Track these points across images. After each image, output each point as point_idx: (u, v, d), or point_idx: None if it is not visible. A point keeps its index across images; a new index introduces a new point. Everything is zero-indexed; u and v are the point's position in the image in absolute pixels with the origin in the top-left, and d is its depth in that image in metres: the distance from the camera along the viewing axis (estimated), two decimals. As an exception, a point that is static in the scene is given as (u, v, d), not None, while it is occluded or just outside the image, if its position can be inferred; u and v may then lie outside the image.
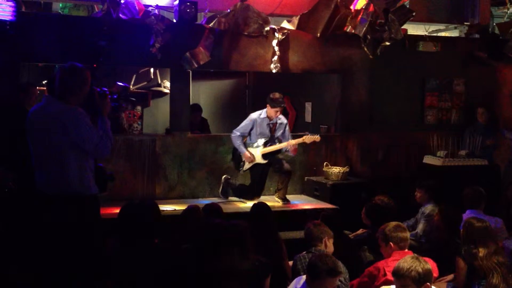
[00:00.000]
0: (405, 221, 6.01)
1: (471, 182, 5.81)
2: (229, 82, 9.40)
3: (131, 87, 8.56)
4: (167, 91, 8.35)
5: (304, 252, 4.23)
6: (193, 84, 7.04)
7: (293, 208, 6.38)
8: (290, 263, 4.38)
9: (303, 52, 7.18)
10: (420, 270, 3.20)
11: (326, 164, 7.04)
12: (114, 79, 7.50)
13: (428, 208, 5.71)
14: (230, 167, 6.91)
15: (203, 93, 9.09)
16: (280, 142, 6.52)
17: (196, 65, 6.63)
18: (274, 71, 6.94)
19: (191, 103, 7.15)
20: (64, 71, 3.77)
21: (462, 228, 4.37)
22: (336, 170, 6.92)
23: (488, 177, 6.92)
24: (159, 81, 8.68)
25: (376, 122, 7.48)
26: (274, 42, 6.94)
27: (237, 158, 6.59)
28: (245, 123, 6.56)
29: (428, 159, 7.32)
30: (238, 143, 6.50)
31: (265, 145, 6.47)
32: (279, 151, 6.53)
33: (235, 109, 9.12)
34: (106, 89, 4.02)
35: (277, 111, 6.41)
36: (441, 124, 7.83)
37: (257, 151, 6.47)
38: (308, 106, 8.83)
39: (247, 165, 6.53)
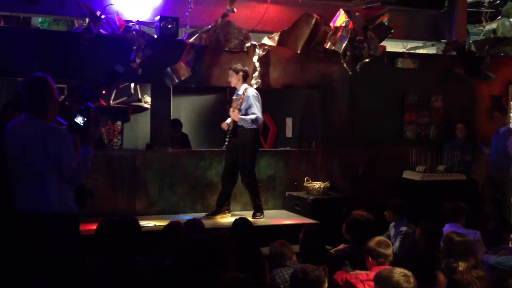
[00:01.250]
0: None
1: (450, 196, 5.88)
2: (210, 97, 9.41)
3: (111, 102, 8.51)
4: (147, 106, 8.33)
5: (281, 267, 4.24)
6: (173, 99, 7.04)
7: (274, 223, 6.37)
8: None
9: (284, 68, 7.24)
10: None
11: (307, 179, 7.06)
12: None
13: (403, 227, 5.74)
14: (211, 182, 6.90)
15: (184, 108, 9.09)
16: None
17: (177, 81, 6.63)
18: (254, 86, 6.96)
19: (171, 118, 7.14)
20: (30, 84, 3.64)
21: (443, 243, 4.42)
22: (317, 185, 6.94)
23: (467, 192, 7.01)
24: (140, 96, 8.65)
25: (356, 138, 7.54)
26: (255, 58, 6.98)
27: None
28: None
29: (407, 174, 7.39)
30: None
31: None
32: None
33: (215, 124, 9.10)
34: (91, 104, 3.97)
35: (230, 75, 6.45)
36: (420, 140, 7.92)
37: (228, 123, 6.56)
38: (289, 121, 8.88)
39: (227, 140, 6.52)
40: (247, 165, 6.46)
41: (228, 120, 6.57)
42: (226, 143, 6.52)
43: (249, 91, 6.42)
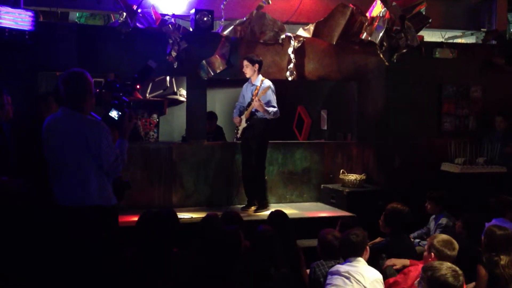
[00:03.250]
0: (417, 230, 5.98)
1: (491, 189, 5.76)
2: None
3: (147, 95, 8.60)
4: (183, 99, 8.40)
5: (322, 260, 4.21)
6: (208, 92, 7.06)
7: (309, 215, 6.35)
8: (307, 271, 4.36)
9: (319, 59, 7.18)
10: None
11: (342, 171, 7.01)
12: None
13: (443, 219, 5.66)
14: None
15: (219, 101, 9.12)
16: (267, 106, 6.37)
17: (212, 73, 6.66)
18: (289, 78, 6.94)
19: (207, 111, 7.18)
20: (69, 79, 3.72)
21: (484, 236, 4.32)
22: (352, 177, 6.88)
23: (508, 185, 6.83)
24: (175, 89, 8.73)
25: (393, 129, 7.43)
26: (290, 50, 6.95)
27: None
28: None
29: (446, 166, 7.26)
30: (235, 111, 6.65)
31: (247, 108, 6.48)
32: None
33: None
34: (126, 98, 4.03)
35: (246, 65, 6.37)
36: (459, 131, 7.76)
37: (243, 117, 6.52)
38: (324, 113, 8.82)
39: (240, 131, 6.53)
40: (259, 155, 6.44)
41: (242, 115, 6.51)
42: (239, 136, 6.54)
43: (266, 83, 6.40)
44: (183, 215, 5.90)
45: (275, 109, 6.33)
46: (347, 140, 7.91)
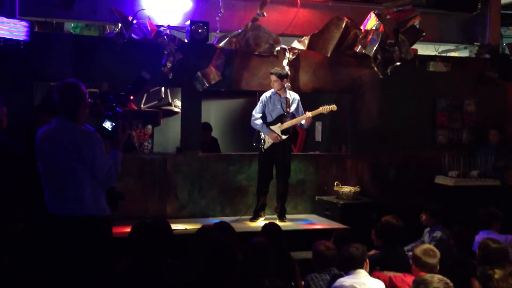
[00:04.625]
0: (412, 243, 5.97)
1: (484, 202, 5.77)
2: (240, 101, 9.43)
3: (142, 106, 8.60)
4: (177, 110, 8.39)
5: (316, 273, 4.19)
6: (203, 103, 7.07)
7: (303, 227, 6.34)
8: (302, 283, 4.34)
9: (314, 72, 7.21)
10: None
11: (336, 183, 7.02)
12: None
13: (438, 232, 5.66)
14: (240, 186, 6.91)
15: (213, 112, 9.12)
16: (295, 117, 6.55)
17: (207, 85, 6.67)
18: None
19: (202, 122, 7.17)
20: (63, 89, 3.73)
21: (478, 249, 4.32)
22: (347, 189, 6.88)
23: (501, 198, 6.85)
24: (170, 100, 8.71)
25: (387, 142, 7.46)
26: (285, 62, 6.97)
27: (257, 137, 6.61)
28: (259, 104, 6.61)
29: (439, 179, 7.27)
30: (260, 124, 6.52)
31: (281, 121, 6.48)
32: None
33: (245, 129, 9.13)
34: (119, 109, 4.03)
35: (275, 80, 6.40)
36: (452, 144, 7.80)
37: (276, 129, 6.49)
38: (319, 125, 8.83)
39: (268, 143, 6.50)
40: (289, 166, 6.56)
41: (278, 131, 6.49)
42: (265, 148, 6.52)
43: (294, 95, 6.57)
44: (177, 226, 5.88)
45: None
46: (342, 152, 7.92)
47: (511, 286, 3.98)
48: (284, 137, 6.47)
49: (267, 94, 6.59)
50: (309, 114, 6.45)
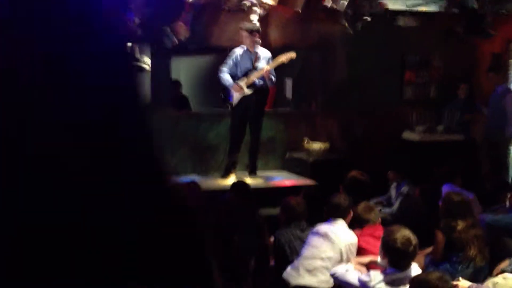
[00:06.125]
0: (379, 197, 6.11)
1: (449, 157, 5.92)
2: (210, 58, 9.32)
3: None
4: (146, 67, 8.27)
5: (285, 227, 4.29)
6: (173, 60, 6.98)
7: (273, 184, 6.42)
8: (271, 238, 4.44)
9: (284, 27, 7.15)
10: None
11: (306, 140, 7.07)
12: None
13: (405, 188, 5.79)
14: (211, 144, 6.92)
15: (183, 69, 9.02)
16: None
17: (176, 41, 6.57)
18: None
19: (171, 79, 7.10)
20: None
21: (442, 202, 4.46)
22: (316, 146, 6.96)
23: (465, 152, 7.04)
24: (138, 57, 8.57)
25: (356, 98, 7.51)
26: (255, 18, 6.88)
27: (227, 94, 6.56)
28: (228, 59, 6.50)
29: (406, 135, 7.41)
30: (225, 78, 6.41)
31: (247, 76, 6.41)
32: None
33: (215, 86, 9.07)
34: None
35: (246, 36, 6.32)
36: (420, 100, 7.91)
37: (242, 83, 6.41)
38: (289, 82, 8.83)
39: (235, 97, 6.45)
40: (260, 123, 6.55)
41: (243, 85, 6.43)
42: (234, 103, 6.46)
43: (266, 53, 6.46)
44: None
45: (274, 78, 6.41)
46: (311, 109, 7.97)
47: (472, 237, 4.14)
48: (247, 90, 6.39)
49: (238, 50, 6.51)
50: (268, 67, 6.31)
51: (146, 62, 8.36)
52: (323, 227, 4.08)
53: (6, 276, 0.82)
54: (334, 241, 3.97)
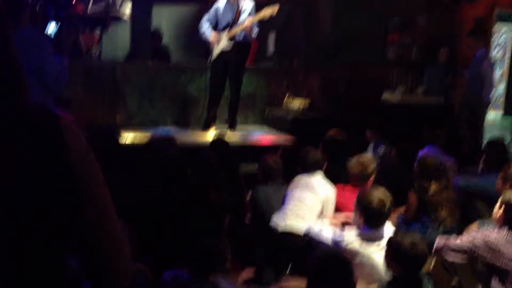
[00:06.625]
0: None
1: (428, 119, 5.97)
2: (192, 7, 9.13)
3: (88, 10, 8.24)
4: (126, 16, 8.08)
5: (262, 184, 4.34)
6: (154, 9, 6.82)
7: (252, 141, 6.43)
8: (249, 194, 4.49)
9: (268, -20, 7.01)
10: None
11: (287, 96, 7.06)
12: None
13: (381, 148, 5.84)
14: (192, 95, 6.86)
15: (165, 19, 8.83)
16: None
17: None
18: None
19: (152, 30, 6.96)
20: None
21: (417, 163, 4.51)
22: (297, 103, 6.96)
23: (444, 115, 7.11)
24: (118, 6, 8.36)
25: (338, 57, 7.49)
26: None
27: (208, 47, 6.44)
28: (210, 11, 6.36)
29: (387, 95, 7.44)
30: (205, 29, 6.28)
31: (229, 28, 6.27)
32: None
33: (196, 37, 8.93)
34: (62, 13, 3.85)
35: None
36: (402, 61, 7.91)
37: (223, 36, 6.28)
38: (272, 36, 8.73)
39: (215, 51, 6.32)
40: (241, 78, 6.46)
41: (224, 38, 6.28)
42: (213, 57, 6.34)
43: (248, 5, 6.27)
44: (127, 136, 5.83)
45: (257, 31, 6.29)
46: (293, 65, 7.92)
47: (444, 199, 4.21)
48: (227, 43, 6.25)
49: (221, 2, 6.37)
50: (250, 19, 6.14)
51: (125, 11, 8.17)
52: (303, 179, 4.19)
53: None
54: (316, 190, 4.09)
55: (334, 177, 4.60)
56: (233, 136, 6.32)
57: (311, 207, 4.04)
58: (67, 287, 1.11)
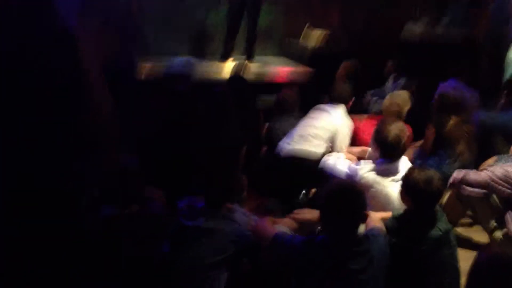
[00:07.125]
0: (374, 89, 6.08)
1: (450, 53, 5.80)
2: None
3: None
4: None
5: (279, 116, 4.35)
6: None
7: (271, 70, 6.33)
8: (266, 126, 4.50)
9: None
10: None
11: (308, 25, 6.90)
12: None
13: (403, 79, 5.74)
14: (211, 24, 6.78)
15: None
16: None
17: None
18: None
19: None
20: None
21: (436, 97, 4.43)
22: (317, 33, 6.81)
23: (467, 49, 6.87)
24: None
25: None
26: None
27: None
28: None
29: (410, 26, 7.15)
30: None
31: None
32: None
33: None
34: None
35: None
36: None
37: None
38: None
39: None
40: (258, 8, 6.36)
41: None
42: None
43: None
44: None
45: None
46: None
47: (462, 133, 4.17)
48: None
49: None
50: None
51: None
52: (324, 106, 4.28)
53: None
54: (332, 116, 4.16)
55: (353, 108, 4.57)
56: (252, 67, 6.24)
57: (320, 129, 4.06)
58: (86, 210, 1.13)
